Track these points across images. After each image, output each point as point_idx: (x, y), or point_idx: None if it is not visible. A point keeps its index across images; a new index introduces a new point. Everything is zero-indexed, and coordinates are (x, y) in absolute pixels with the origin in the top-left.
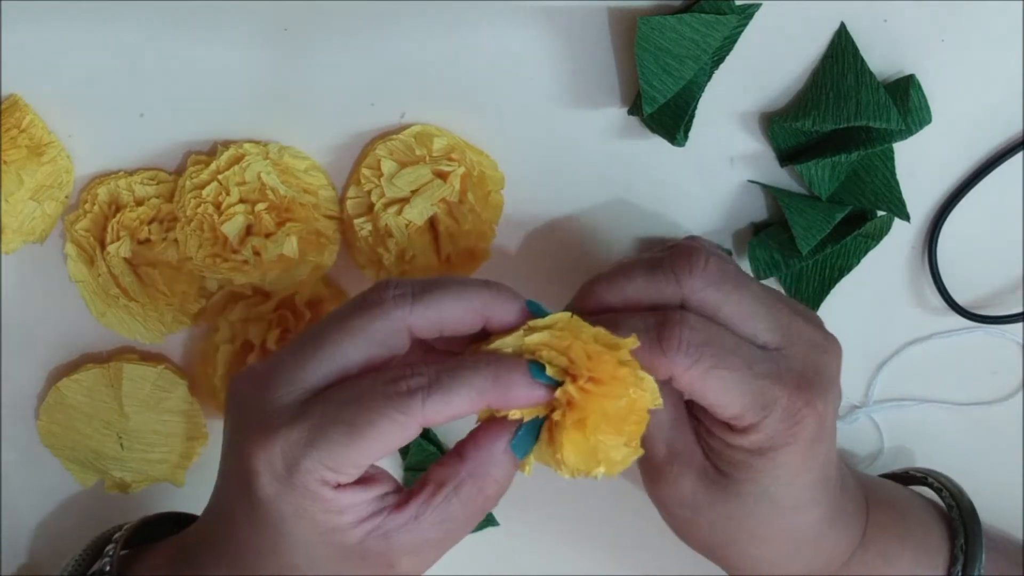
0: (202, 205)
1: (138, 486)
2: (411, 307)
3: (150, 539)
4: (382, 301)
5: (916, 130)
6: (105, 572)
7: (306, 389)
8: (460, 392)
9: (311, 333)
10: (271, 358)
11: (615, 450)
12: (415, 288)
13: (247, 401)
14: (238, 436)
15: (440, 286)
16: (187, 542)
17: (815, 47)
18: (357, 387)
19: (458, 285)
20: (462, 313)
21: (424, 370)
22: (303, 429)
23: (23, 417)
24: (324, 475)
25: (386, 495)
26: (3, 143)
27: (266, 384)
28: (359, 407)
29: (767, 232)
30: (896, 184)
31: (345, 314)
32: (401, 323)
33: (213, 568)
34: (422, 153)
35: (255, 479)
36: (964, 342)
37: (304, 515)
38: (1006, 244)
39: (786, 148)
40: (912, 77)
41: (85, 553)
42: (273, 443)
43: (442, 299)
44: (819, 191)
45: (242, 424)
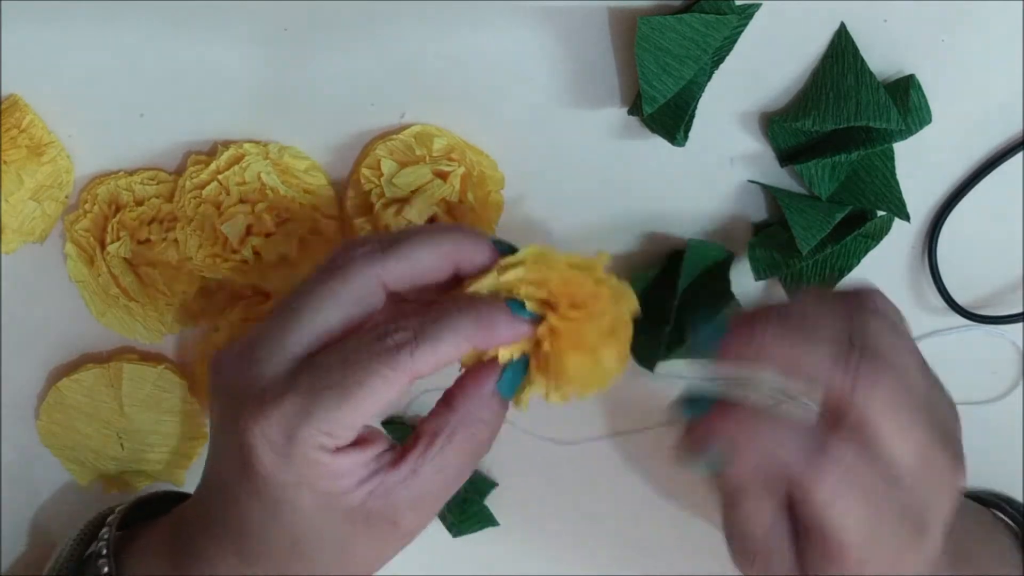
0: (202, 205)
1: (138, 486)
2: (382, 261)
3: (145, 519)
4: (352, 260)
5: (916, 130)
6: (101, 554)
7: (291, 359)
8: (446, 339)
9: (287, 303)
10: (251, 333)
11: (612, 362)
12: (383, 242)
13: (234, 377)
14: (230, 412)
15: (407, 237)
16: (184, 519)
17: (815, 47)
18: (343, 349)
19: (425, 233)
20: (433, 260)
21: (407, 323)
22: (295, 398)
23: (23, 417)
24: (321, 440)
25: (381, 454)
26: (3, 143)
27: (250, 359)
28: (348, 368)
29: (767, 232)
30: (896, 184)
31: (318, 279)
32: (374, 279)
33: (216, 546)
34: (422, 153)
35: (253, 453)
36: (964, 342)
37: (305, 483)
38: (1006, 244)
39: (786, 148)
40: (912, 77)
41: (81, 535)
42: (267, 416)
43: (412, 249)
44: (819, 191)
45: (232, 400)
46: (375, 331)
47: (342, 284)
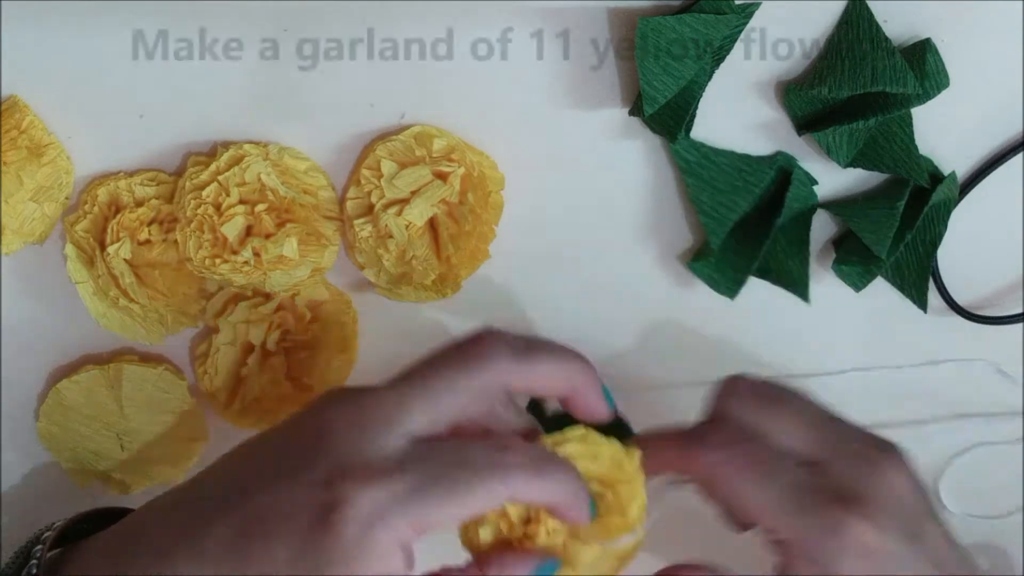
0: (202, 206)
1: (138, 487)
2: (518, 366)
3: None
4: (492, 356)
5: (934, 94)
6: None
7: (407, 435)
8: (551, 479)
9: (413, 376)
10: (370, 393)
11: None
12: (519, 346)
13: (344, 431)
14: (327, 463)
15: (544, 350)
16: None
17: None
18: (462, 449)
19: (560, 353)
20: (557, 383)
21: (523, 448)
22: (402, 482)
23: (23, 417)
24: (405, 534)
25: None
26: (3, 144)
27: (365, 420)
28: (462, 470)
29: (844, 248)
30: (915, 149)
31: (453, 364)
32: (503, 378)
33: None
34: (422, 154)
35: (337, 511)
36: (964, 342)
37: (346, 564)
38: (1006, 244)
39: (803, 116)
40: (928, 41)
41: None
42: (371, 486)
43: (545, 364)
44: (837, 158)
45: (336, 453)
46: (496, 442)
47: (474, 377)
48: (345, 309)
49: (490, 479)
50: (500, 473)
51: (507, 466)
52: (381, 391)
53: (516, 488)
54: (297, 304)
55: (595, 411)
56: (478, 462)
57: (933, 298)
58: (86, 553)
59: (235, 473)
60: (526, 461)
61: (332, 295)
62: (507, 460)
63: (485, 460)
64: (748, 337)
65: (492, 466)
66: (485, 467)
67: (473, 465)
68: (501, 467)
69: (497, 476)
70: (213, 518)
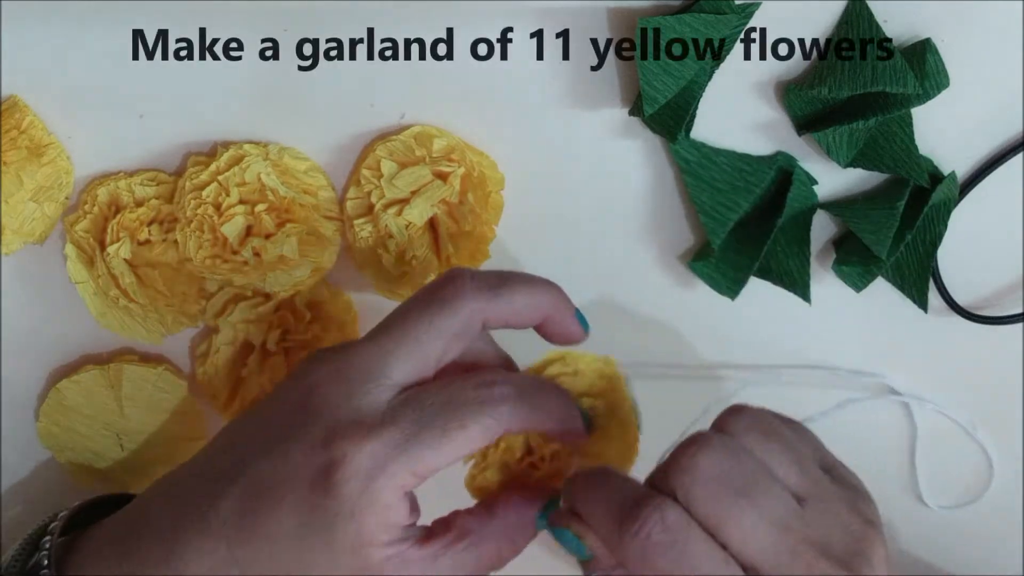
0: (202, 206)
1: (138, 487)
2: (488, 300)
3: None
4: (461, 294)
5: (934, 94)
6: (42, 565)
7: (392, 386)
8: (541, 407)
9: (391, 327)
10: (351, 349)
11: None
12: (489, 281)
13: (331, 390)
14: (320, 423)
15: (513, 281)
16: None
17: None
18: (447, 390)
19: (529, 282)
20: (530, 310)
21: (508, 379)
22: (395, 431)
23: (23, 417)
24: (405, 479)
25: (414, 526)
26: (3, 144)
27: (350, 376)
28: (452, 411)
29: (845, 248)
30: (915, 149)
31: (424, 308)
32: (479, 315)
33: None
34: (422, 154)
35: (336, 471)
36: (964, 342)
37: (357, 518)
38: (1006, 244)
39: (803, 116)
40: (928, 41)
41: (21, 548)
42: (366, 441)
43: (516, 294)
44: (837, 158)
45: (327, 413)
46: (480, 378)
47: (450, 318)
48: (345, 309)
49: (481, 415)
50: (490, 408)
51: (496, 400)
52: (362, 345)
53: (508, 420)
54: (297, 304)
55: (571, 334)
56: (467, 401)
57: (933, 298)
58: (93, 540)
59: (232, 446)
60: (514, 392)
61: (332, 295)
62: (495, 394)
63: (474, 397)
64: (748, 337)
65: (481, 402)
66: (474, 404)
67: (463, 404)
68: (490, 402)
69: (487, 411)
70: (216, 493)
